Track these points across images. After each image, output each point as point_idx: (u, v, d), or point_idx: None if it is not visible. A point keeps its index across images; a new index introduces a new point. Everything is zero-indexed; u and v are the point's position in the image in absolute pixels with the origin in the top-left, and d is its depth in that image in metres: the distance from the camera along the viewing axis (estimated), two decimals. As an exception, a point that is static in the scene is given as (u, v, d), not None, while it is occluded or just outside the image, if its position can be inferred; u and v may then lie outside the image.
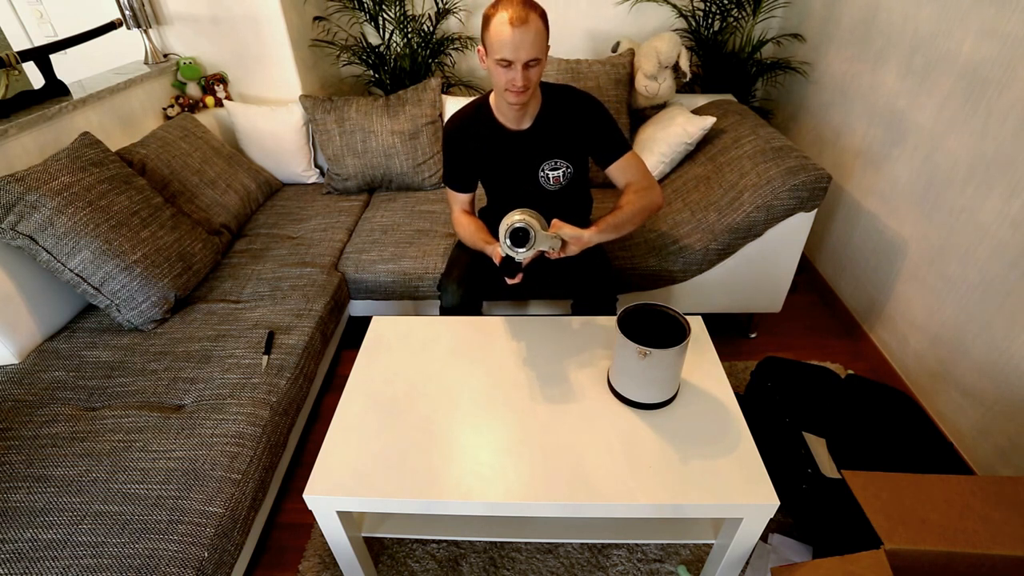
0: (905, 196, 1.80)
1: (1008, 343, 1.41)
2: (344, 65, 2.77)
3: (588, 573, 1.35)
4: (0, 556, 1.00)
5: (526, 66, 1.24)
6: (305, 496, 1.02)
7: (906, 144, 1.79)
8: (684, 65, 2.17)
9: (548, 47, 1.30)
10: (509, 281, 1.30)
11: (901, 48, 1.81)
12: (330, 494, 1.02)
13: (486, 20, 1.25)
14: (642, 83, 2.17)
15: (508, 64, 1.24)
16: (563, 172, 1.48)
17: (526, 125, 1.44)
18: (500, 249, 1.25)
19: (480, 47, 1.30)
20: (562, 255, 1.29)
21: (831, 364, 1.91)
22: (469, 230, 1.51)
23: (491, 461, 1.06)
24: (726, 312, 1.95)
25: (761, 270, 1.82)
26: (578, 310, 1.60)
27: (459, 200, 1.58)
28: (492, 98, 1.45)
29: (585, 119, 1.44)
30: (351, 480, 1.03)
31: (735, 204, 1.72)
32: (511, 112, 1.40)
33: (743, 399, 1.49)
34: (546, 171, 1.48)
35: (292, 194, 2.31)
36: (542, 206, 1.34)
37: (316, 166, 2.40)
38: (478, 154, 1.49)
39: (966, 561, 0.98)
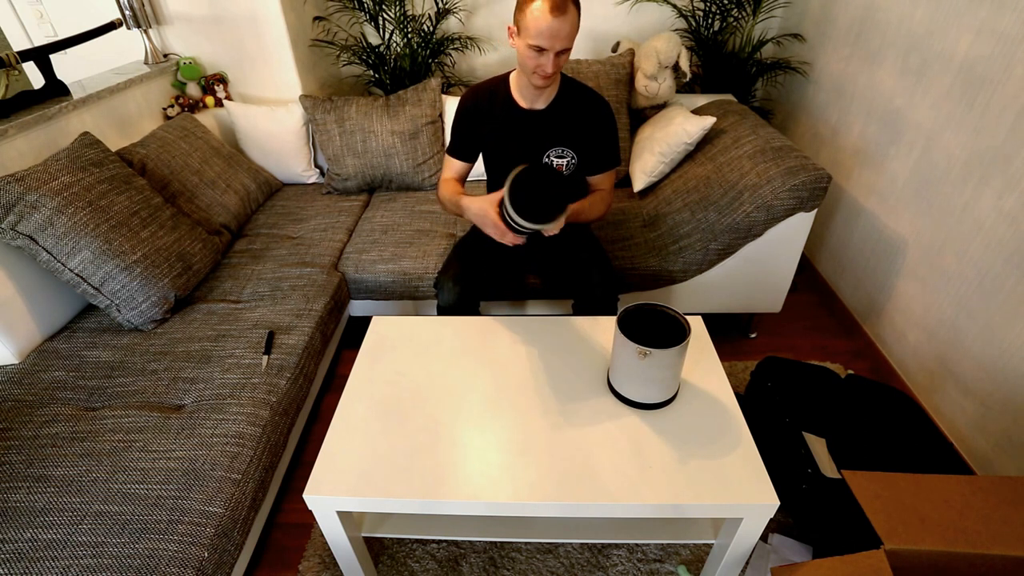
0: (903, 194, 1.80)
1: (1005, 339, 1.41)
2: (344, 65, 2.77)
3: (588, 573, 1.35)
4: (0, 556, 1.00)
5: (557, 54, 1.27)
6: (305, 496, 1.02)
7: (903, 142, 1.79)
8: (684, 65, 2.17)
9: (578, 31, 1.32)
10: (509, 240, 1.30)
11: (897, 47, 1.81)
12: (330, 494, 1.02)
13: (522, 1, 1.25)
14: (642, 83, 2.17)
15: (540, 51, 1.26)
16: (567, 162, 1.49)
17: (540, 106, 1.46)
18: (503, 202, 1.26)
19: (512, 25, 1.31)
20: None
21: (831, 364, 1.91)
22: (451, 188, 1.54)
23: (491, 461, 1.06)
24: (726, 312, 1.95)
25: (761, 270, 1.82)
26: (578, 310, 1.60)
27: (456, 167, 1.60)
28: (513, 75, 1.48)
29: (595, 119, 1.47)
30: (351, 480, 1.03)
31: (735, 204, 1.72)
32: (530, 91, 1.43)
33: (743, 399, 1.49)
34: (551, 157, 1.49)
35: (292, 194, 2.31)
36: None
37: (316, 166, 2.40)
38: (488, 127, 1.52)
39: (966, 561, 0.98)
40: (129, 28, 2.15)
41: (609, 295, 1.55)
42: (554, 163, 1.50)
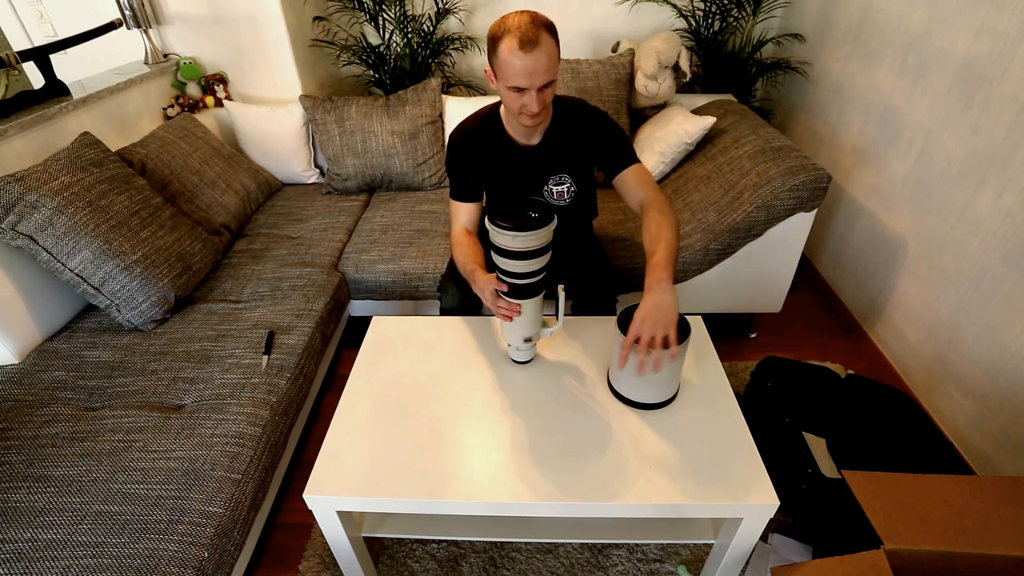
0: (902, 193, 1.80)
1: (1004, 338, 1.41)
2: (344, 65, 2.77)
3: (588, 573, 1.35)
4: (0, 556, 1.00)
5: (540, 89, 1.17)
6: (305, 496, 1.02)
7: (901, 141, 1.80)
8: (684, 65, 2.17)
9: (559, 59, 1.22)
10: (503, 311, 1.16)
11: (896, 47, 1.81)
12: (330, 494, 1.02)
13: (492, 42, 1.15)
14: (642, 83, 2.17)
15: (521, 91, 1.17)
16: (567, 188, 1.45)
17: (536, 141, 1.39)
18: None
19: (488, 68, 1.23)
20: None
21: (831, 364, 1.91)
22: (465, 252, 1.36)
23: (491, 461, 1.06)
24: (726, 312, 1.95)
25: (761, 270, 1.82)
26: (578, 310, 1.60)
27: (463, 212, 1.45)
28: (503, 109, 1.39)
29: (593, 133, 1.39)
30: (351, 480, 1.03)
31: (735, 204, 1.72)
32: (522, 128, 1.35)
33: (743, 399, 1.49)
34: (551, 186, 1.45)
35: (292, 194, 2.31)
36: None
37: (316, 166, 2.40)
38: (484, 165, 1.43)
39: (966, 561, 0.98)
40: (129, 28, 2.15)
41: (609, 295, 1.55)
42: (553, 191, 1.45)
